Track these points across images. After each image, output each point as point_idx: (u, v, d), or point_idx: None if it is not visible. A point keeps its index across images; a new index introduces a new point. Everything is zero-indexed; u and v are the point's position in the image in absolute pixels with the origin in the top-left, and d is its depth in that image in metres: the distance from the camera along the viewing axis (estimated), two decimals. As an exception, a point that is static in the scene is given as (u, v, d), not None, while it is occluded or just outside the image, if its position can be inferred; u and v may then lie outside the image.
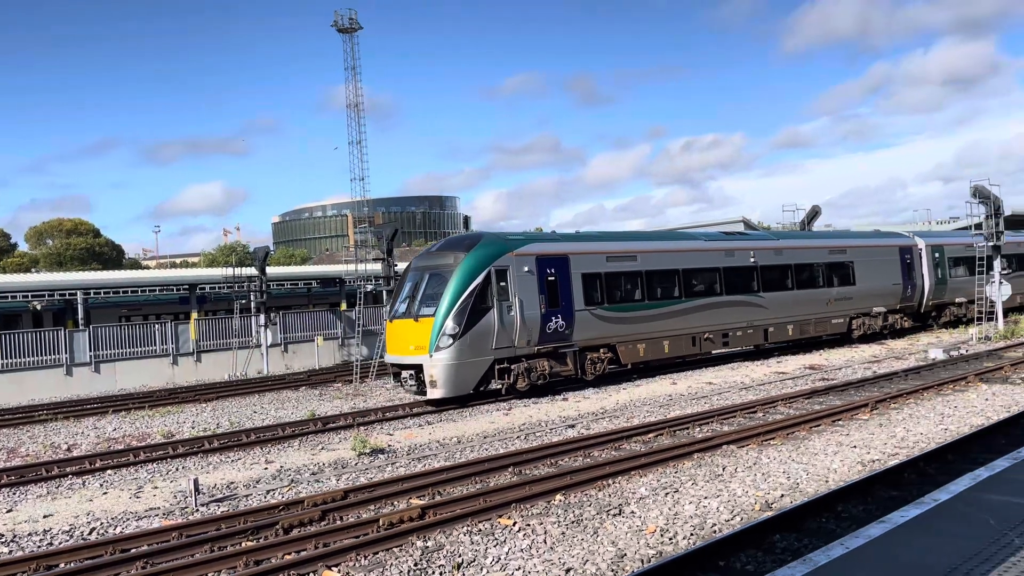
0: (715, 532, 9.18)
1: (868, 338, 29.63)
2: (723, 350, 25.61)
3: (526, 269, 19.96)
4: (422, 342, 18.79)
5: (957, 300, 33.47)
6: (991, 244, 29.43)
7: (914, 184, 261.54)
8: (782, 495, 10.53)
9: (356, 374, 26.32)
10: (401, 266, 26.70)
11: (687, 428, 15.22)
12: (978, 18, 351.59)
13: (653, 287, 23.11)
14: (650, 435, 14.66)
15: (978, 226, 30.23)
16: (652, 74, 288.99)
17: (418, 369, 19.06)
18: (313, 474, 13.35)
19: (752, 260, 25.87)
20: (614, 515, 9.93)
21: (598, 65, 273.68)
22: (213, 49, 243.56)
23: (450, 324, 18.66)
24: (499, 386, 19.85)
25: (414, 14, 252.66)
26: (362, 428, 17.05)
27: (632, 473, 11.81)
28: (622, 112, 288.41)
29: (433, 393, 18.80)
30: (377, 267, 27.84)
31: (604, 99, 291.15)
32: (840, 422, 15.01)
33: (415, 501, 11.02)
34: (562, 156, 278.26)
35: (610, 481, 11.47)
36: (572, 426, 16.39)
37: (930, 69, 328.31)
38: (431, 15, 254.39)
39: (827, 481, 11.08)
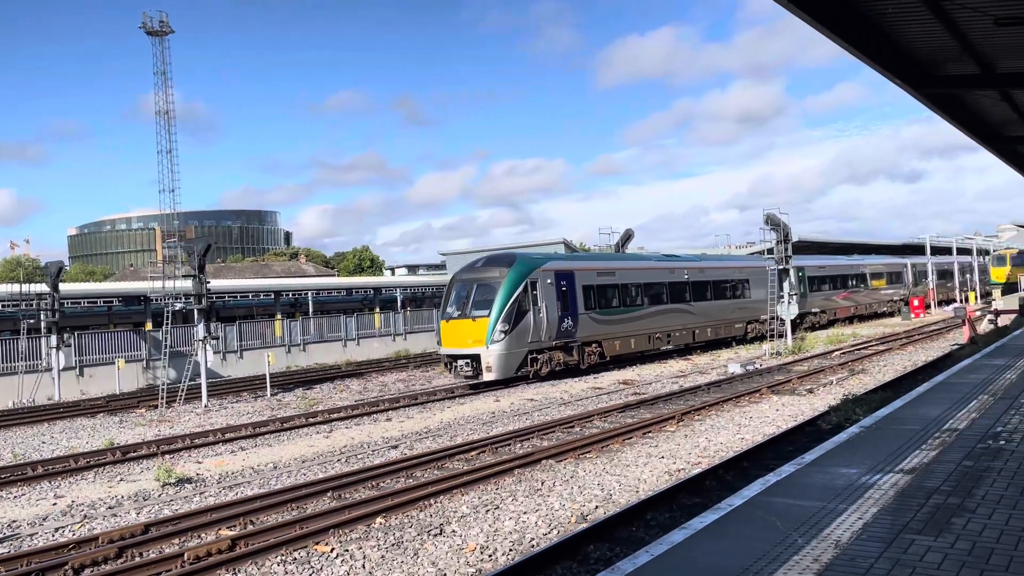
0: (533, 546, 9.36)
1: (757, 339, 35.36)
2: (668, 347, 31.38)
3: (548, 281, 25.59)
4: (479, 337, 23.90)
5: (814, 310, 41.66)
6: (780, 268, 32.24)
7: (715, 211, 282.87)
8: (596, 506, 10.92)
9: (162, 399, 24.62)
10: (214, 282, 26.88)
11: (509, 444, 15.47)
12: (767, 63, 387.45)
13: (625, 297, 29.09)
14: (473, 453, 14.76)
15: (770, 250, 33.14)
16: (476, 98, 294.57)
17: (475, 358, 24.06)
18: (110, 508, 12.31)
19: (686, 276, 32.35)
20: (435, 535, 9.88)
21: (423, 87, 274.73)
22: (3, 46, 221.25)
23: (502, 323, 23.94)
24: (529, 371, 24.85)
25: (236, 25, 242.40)
26: (167, 456, 15.96)
27: (454, 492, 11.82)
28: (447, 134, 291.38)
29: (488, 376, 23.95)
30: (187, 284, 26.24)
31: (429, 120, 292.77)
32: (650, 434, 15.82)
33: (225, 532, 10.43)
34: (388, 174, 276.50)
35: (432, 501, 11.42)
36: (395, 447, 16.20)
37: (727, 107, 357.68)
38: (254, 26, 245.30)
39: (637, 491, 11.62)
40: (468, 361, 24.28)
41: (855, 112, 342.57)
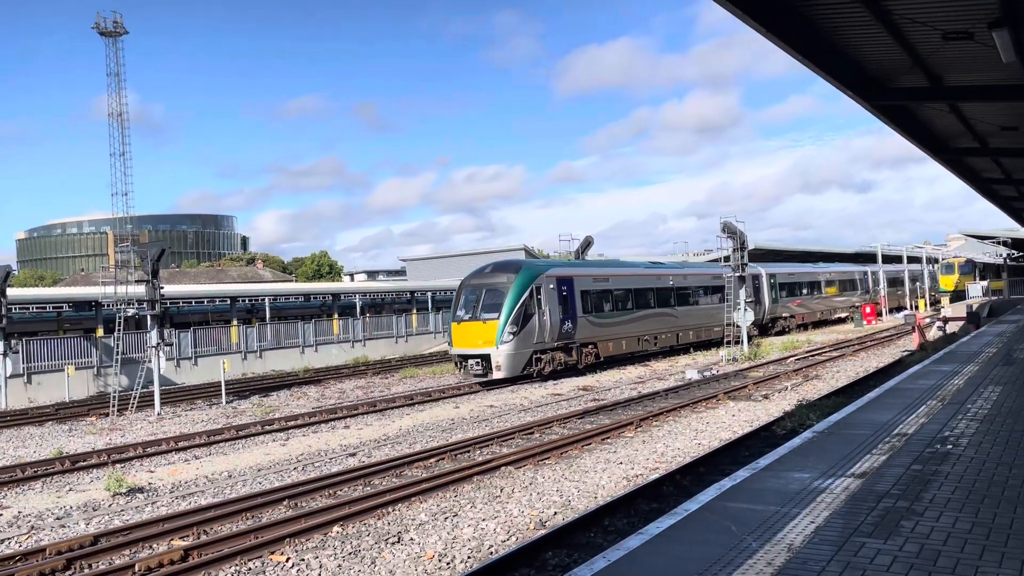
0: (492, 553, 9.34)
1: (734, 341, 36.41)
2: (655, 348, 32.90)
3: (551, 287, 27.30)
4: (489, 337, 25.49)
5: (784, 315, 44.04)
6: (737, 275, 32.72)
7: (673, 219, 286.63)
8: (555, 513, 10.94)
9: (114, 406, 24.09)
10: (168, 288, 26.44)
11: (468, 451, 15.42)
12: (723, 75, 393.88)
13: (618, 302, 31.03)
14: (432, 460, 14.69)
15: (727, 258, 33.63)
16: (437, 105, 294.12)
17: (485, 358, 25.61)
18: (58, 519, 11.99)
19: (671, 283, 34.52)
20: (393, 543, 9.81)
21: (384, 93, 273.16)
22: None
23: (511, 325, 25.61)
24: (533, 371, 26.47)
25: (196, 28, 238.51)
26: (118, 465, 15.62)
27: (413, 499, 11.75)
28: (408, 140, 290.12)
29: (497, 374, 25.52)
30: (140, 289, 25.71)
31: (390, 126, 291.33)
32: (609, 440, 15.90)
33: (178, 542, 10.23)
34: (348, 180, 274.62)
35: (390, 509, 11.33)
36: (353, 454, 16.05)
37: (685, 117, 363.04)
38: (214, 30, 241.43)
39: (596, 497, 11.67)
40: (479, 360, 25.92)
41: (809, 123, 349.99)
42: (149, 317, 24.98)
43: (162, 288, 26.01)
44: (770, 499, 6.60)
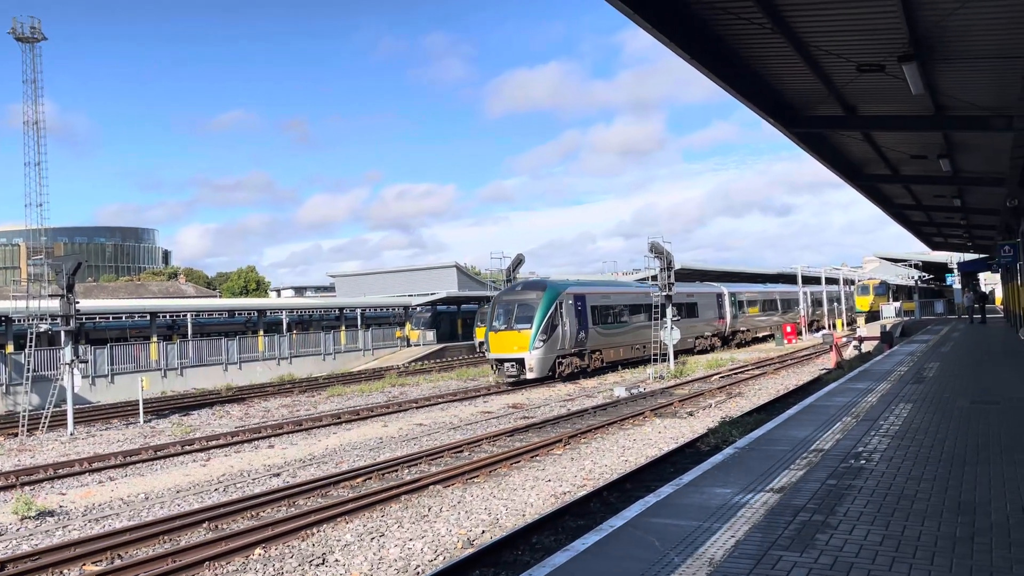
0: (418, 573, 9.25)
1: (703, 351, 43.69)
2: (644, 355, 36.69)
3: (570, 302, 31.94)
4: (523, 344, 30.24)
5: (742, 329, 49.92)
6: (664, 294, 33.35)
7: (602, 239, 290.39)
8: (483, 531, 10.91)
9: (23, 426, 23.00)
10: (84, 303, 26.29)
11: (396, 470, 15.26)
12: (648, 100, 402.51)
13: (619, 315, 36.19)
14: (359, 479, 14.48)
15: (654, 277, 34.32)
16: (368, 123, 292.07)
17: (520, 361, 30.26)
18: (-41, 546, 11.36)
19: (656, 299, 38.09)
20: (317, 564, 9.62)
21: (314, 110, 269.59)
22: None
23: (541, 333, 30.33)
24: (555, 373, 31.19)
25: (119, 39, 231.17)
26: (27, 488, 14.92)
27: (338, 520, 11.56)
28: (338, 157, 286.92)
29: (530, 375, 30.17)
30: (54, 304, 24.69)
31: (320, 143, 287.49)
32: (538, 457, 15.96)
33: (90, 567, 9.83)
34: (276, 195, 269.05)
35: (315, 530, 11.12)
36: (277, 475, 15.69)
37: (612, 140, 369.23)
38: (140, 42, 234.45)
39: (524, 515, 11.68)
40: (513, 363, 30.46)
41: (731, 148, 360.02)
42: (63, 333, 24.00)
43: (78, 303, 25.04)
44: (693, 514, 6.73)
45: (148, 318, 42.80)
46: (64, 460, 18.01)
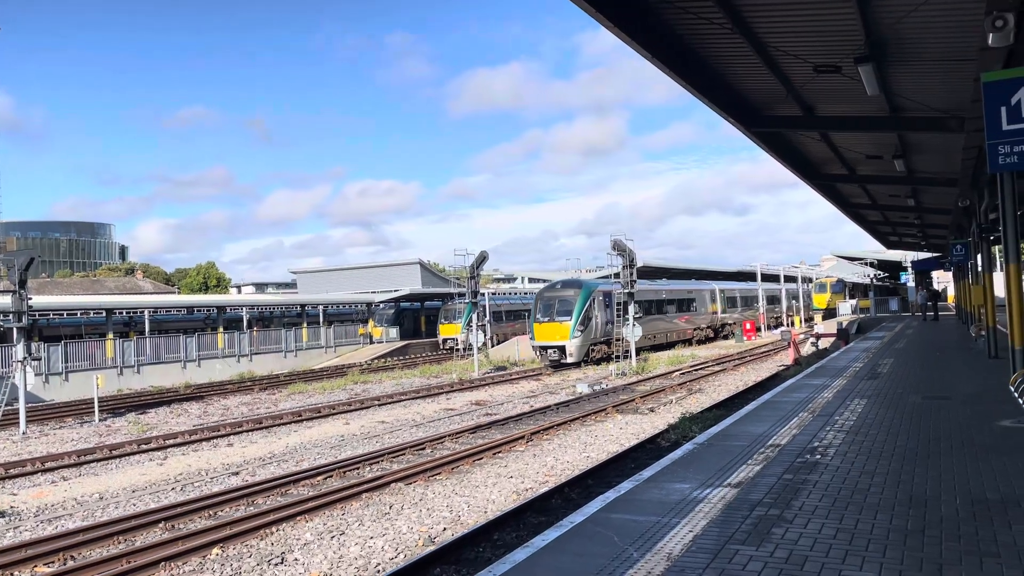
0: (379, 571, 9.20)
1: (702, 341, 48.99)
2: (654, 343, 42.04)
3: (600, 298, 36.97)
4: (564, 334, 35.32)
5: (729, 322, 53.81)
6: (627, 291, 33.55)
7: (565, 236, 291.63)
8: (445, 528, 10.89)
9: (-27, 425, 22.42)
10: (37, 299, 26.29)
11: (358, 468, 15.16)
12: (609, 101, 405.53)
13: (641, 308, 38.28)
14: (319, 478, 14.35)
15: (617, 275, 34.57)
16: (331, 121, 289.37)
17: (561, 348, 35.36)
18: (-96, 549, 11.03)
19: (664, 296, 44.73)
20: (276, 564, 9.53)
21: (277, 107, 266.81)
22: None
23: (579, 324, 35.40)
24: (588, 359, 36.13)
25: (76, 31, 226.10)
26: (-24, 489, 14.53)
27: (298, 519, 11.45)
28: (301, 154, 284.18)
29: (569, 360, 35.17)
30: (6, 300, 24.08)
31: (281, 140, 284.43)
32: (500, 454, 15.97)
33: (42, 569, 9.61)
34: (236, 191, 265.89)
35: (274, 529, 11.01)
36: (236, 473, 15.50)
37: (573, 139, 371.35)
38: (100, 35, 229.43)
39: (486, 512, 11.68)
40: (555, 350, 35.58)
41: (691, 148, 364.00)
42: (15, 330, 23.43)
43: (31, 299, 24.45)
44: (652, 510, 6.79)
45: (104, 314, 41.90)
46: (15, 460, 17.58)
